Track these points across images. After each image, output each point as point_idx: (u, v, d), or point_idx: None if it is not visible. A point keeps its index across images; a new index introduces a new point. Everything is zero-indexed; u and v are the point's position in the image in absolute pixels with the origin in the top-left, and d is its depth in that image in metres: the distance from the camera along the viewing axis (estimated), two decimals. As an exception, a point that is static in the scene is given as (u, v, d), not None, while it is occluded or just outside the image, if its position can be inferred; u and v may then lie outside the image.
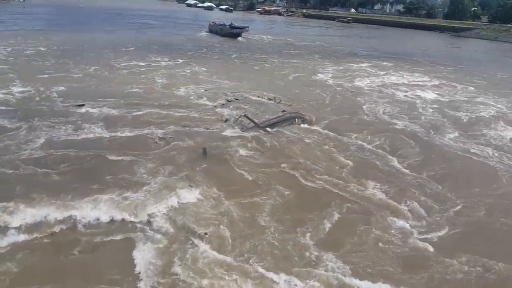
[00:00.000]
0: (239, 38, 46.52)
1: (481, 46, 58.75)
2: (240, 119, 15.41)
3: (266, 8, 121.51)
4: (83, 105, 15.91)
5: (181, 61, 28.54)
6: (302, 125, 15.41)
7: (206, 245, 7.87)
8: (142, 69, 24.55)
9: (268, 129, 14.56)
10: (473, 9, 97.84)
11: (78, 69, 23.03)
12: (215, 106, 17.36)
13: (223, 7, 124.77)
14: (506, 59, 46.68)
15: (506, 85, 28.31)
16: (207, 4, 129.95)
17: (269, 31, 61.88)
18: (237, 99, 18.67)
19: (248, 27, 50.60)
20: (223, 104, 17.74)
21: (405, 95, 22.51)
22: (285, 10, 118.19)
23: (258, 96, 19.40)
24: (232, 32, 47.04)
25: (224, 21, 54.04)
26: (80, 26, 49.09)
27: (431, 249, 8.38)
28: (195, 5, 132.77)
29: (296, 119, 15.80)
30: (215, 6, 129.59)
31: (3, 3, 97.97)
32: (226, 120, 15.43)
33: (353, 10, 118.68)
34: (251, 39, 47.71)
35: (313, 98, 20.26)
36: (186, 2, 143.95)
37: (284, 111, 16.76)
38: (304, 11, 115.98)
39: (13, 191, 9.30)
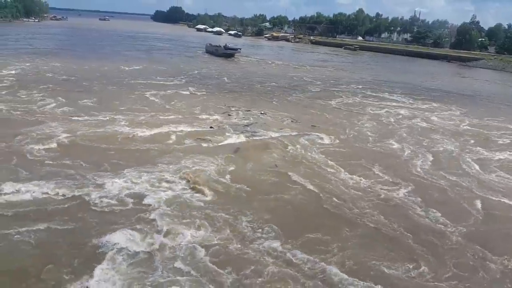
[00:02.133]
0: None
1: (491, 76, 58.36)
2: None
3: (274, 34, 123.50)
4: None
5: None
6: None
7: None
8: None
9: None
10: (480, 39, 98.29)
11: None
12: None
13: (232, 32, 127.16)
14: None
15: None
16: (216, 29, 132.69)
17: (280, 57, 62.56)
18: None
19: (240, 49, 53.55)
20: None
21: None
22: (293, 36, 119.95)
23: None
24: (225, 53, 50.81)
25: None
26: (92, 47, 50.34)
27: None
28: (204, 30, 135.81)
29: None
30: (224, 31, 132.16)
31: (17, 23, 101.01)
32: None
33: (360, 38, 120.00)
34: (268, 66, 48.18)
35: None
36: (196, 26, 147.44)
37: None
38: (311, 37, 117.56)
39: None
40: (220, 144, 15.24)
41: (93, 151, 13.28)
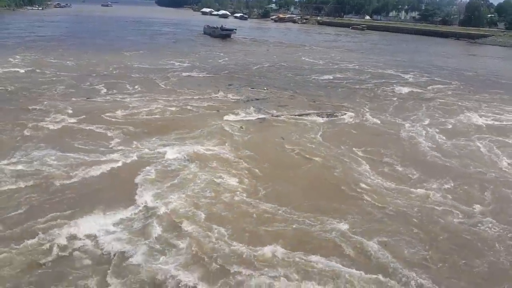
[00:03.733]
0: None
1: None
2: None
3: (281, 15, 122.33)
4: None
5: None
6: None
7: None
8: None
9: None
10: (489, 15, 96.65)
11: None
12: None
13: (238, 15, 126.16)
14: None
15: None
16: (222, 12, 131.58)
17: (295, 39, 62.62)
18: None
19: (236, 29, 57.49)
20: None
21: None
22: (299, 17, 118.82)
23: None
24: (222, 34, 54.96)
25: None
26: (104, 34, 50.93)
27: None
28: (210, 13, 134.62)
29: None
30: (230, 14, 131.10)
31: (21, 11, 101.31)
32: None
33: (367, 17, 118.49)
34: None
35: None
36: (202, 10, 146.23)
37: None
38: (318, 18, 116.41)
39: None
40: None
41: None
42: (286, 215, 9.71)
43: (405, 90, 26.00)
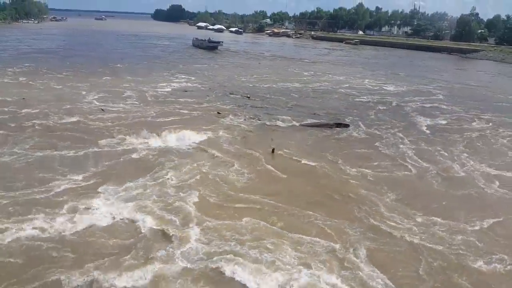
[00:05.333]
0: None
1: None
2: None
3: (275, 30, 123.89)
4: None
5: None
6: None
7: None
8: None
9: None
10: (480, 31, 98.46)
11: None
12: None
13: (233, 29, 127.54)
14: None
15: None
16: (217, 26, 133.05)
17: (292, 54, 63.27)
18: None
19: (222, 42, 61.30)
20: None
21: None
22: (293, 32, 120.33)
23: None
24: (209, 46, 58.27)
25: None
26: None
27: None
28: (205, 28, 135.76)
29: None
30: (225, 28, 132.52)
31: (17, 25, 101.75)
32: None
33: (360, 32, 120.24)
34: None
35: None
36: (197, 24, 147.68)
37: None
38: (312, 33, 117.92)
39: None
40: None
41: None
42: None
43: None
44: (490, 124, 21.57)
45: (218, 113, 20.02)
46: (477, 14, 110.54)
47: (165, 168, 12.61)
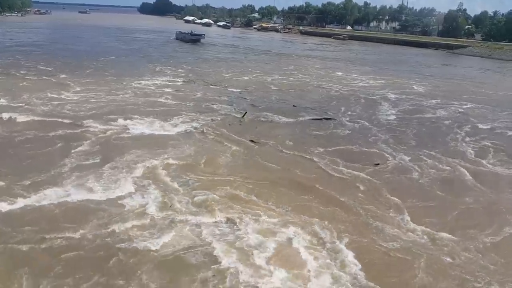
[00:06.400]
0: None
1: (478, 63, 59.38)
2: None
3: (264, 25, 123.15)
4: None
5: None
6: None
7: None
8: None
9: None
10: (467, 27, 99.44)
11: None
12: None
13: (221, 23, 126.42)
14: None
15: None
16: (205, 20, 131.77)
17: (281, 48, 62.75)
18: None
19: (204, 35, 63.12)
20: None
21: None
22: (282, 27, 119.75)
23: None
24: (192, 39, 59.84)
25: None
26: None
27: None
28: (193, 21, 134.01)
29: None
30: (213, 22, 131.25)
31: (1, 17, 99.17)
32: None
33: (349, 27, 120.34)
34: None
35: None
36: (185, 18, 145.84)
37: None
38: (301, 28, 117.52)
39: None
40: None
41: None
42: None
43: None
44: (458, 114, 22.17)
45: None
46: (465, 10, 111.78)
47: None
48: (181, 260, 7.63)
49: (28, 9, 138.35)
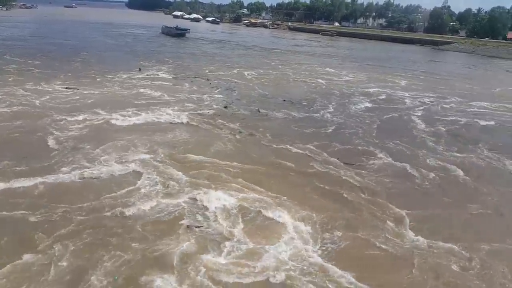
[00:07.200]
0: None
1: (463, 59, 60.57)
2: None
3: (253, 20, 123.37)
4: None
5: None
6: None
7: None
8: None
9: None
10: (451, 23, 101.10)
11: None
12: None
13: (210, 19, 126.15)
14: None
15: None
16: (194, 16, 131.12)
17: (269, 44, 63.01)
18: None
19: (189, 29, 63.89)
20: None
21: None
22: (271, 23, 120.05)
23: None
24: (177, 33, 60.91)
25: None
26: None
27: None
28: (181, 17, 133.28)
29: None
30: (202, 18, 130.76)
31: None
32: None
33: (336, 24, 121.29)
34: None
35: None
36: (173, 13, 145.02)
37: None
38: (289, 24, 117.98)
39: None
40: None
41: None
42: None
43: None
44: (423, 107, 22.94)
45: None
46: (449, 7, 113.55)
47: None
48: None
49: (14, 3, 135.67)
